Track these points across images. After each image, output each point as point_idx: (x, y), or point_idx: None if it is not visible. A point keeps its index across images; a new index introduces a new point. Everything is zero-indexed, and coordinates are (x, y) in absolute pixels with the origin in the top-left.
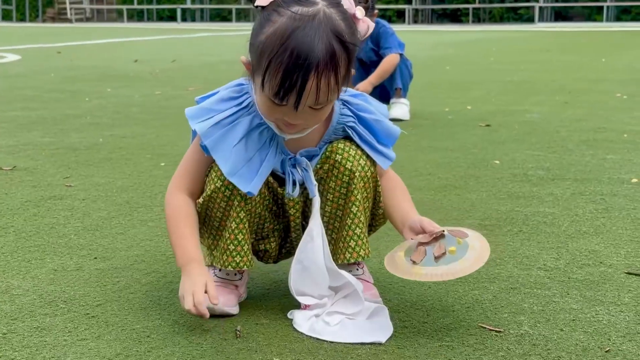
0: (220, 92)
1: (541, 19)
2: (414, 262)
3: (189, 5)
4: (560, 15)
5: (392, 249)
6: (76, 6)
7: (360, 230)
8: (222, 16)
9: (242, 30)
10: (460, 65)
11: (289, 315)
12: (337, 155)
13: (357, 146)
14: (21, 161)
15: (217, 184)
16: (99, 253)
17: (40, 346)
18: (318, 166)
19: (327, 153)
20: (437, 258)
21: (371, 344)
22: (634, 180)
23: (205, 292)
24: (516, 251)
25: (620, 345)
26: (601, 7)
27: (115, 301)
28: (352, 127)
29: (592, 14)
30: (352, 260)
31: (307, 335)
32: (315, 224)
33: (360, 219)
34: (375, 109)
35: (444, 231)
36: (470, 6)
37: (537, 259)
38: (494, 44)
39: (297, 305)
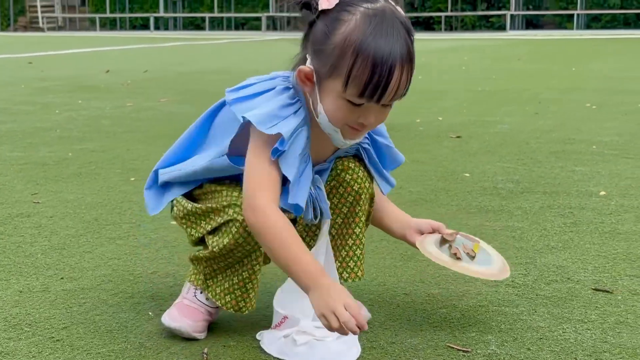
0: (276, 96)
1: (513, 27)
2: (458, 258)
3: (162, 13)
4: (532, 23)
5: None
6: (48, 15)
7: (360, 252)
8: (195, 24)
9: (215, 39)
10: (432, 74)
11: (257, 336)
12: (347, 175)
13: (365, 167)
14: None
15: (238, 240)
16: (66, 273)
17: None
18: (326, 183)
19: (337, 170)
20: (472, 257)
21: None
22: (602, 193)
23: None
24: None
25: None
26: (572, 15)
27: (81, 324)
28: (365, 149)
29: (563, 22)
30: (350, 281)
31: (275, 358)
32: (322, 244)
33: (362, 240)
34: (385, 131)
35: (458, 233)
36: (442, 14)
37: None
38: (466, 53)
39: (267, 326)
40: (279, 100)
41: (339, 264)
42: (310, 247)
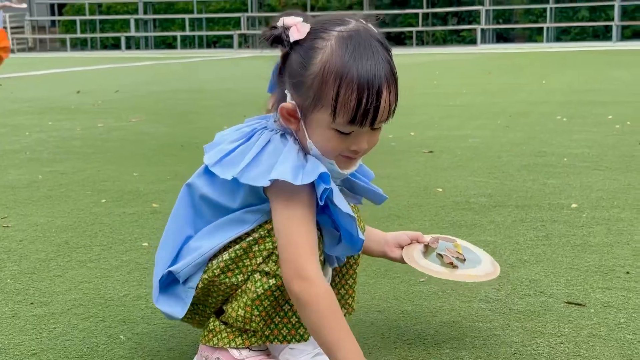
0: (283, 147)
1: (483, 41)
2: (454, 266)
3: (133, 33)
4: (502, 36)
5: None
6: (18, 36)
7: (355, 287)
8: (167, 43)
9: (187, 58)
10: (403, 89)
11: None
12: None
13: (358, 210)
14: None
15: (269, 285)
16: (36, 298)
17: None
18: None
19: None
20: (463, 261)
21: None
22: (574, 205)
23: None
24: (458, 283)
25: None
26: (541, 28)
27: (51, 349)
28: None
29: (533, 35)
30: (347, 315)
31: None
32: None
33: (356, 277)
34: None
35: (438, 238)
36: (413, 29)
37: (478, 290)
38: (438, 67)
39: None
40: (290, 149)
41: (340, 298)
42: None
